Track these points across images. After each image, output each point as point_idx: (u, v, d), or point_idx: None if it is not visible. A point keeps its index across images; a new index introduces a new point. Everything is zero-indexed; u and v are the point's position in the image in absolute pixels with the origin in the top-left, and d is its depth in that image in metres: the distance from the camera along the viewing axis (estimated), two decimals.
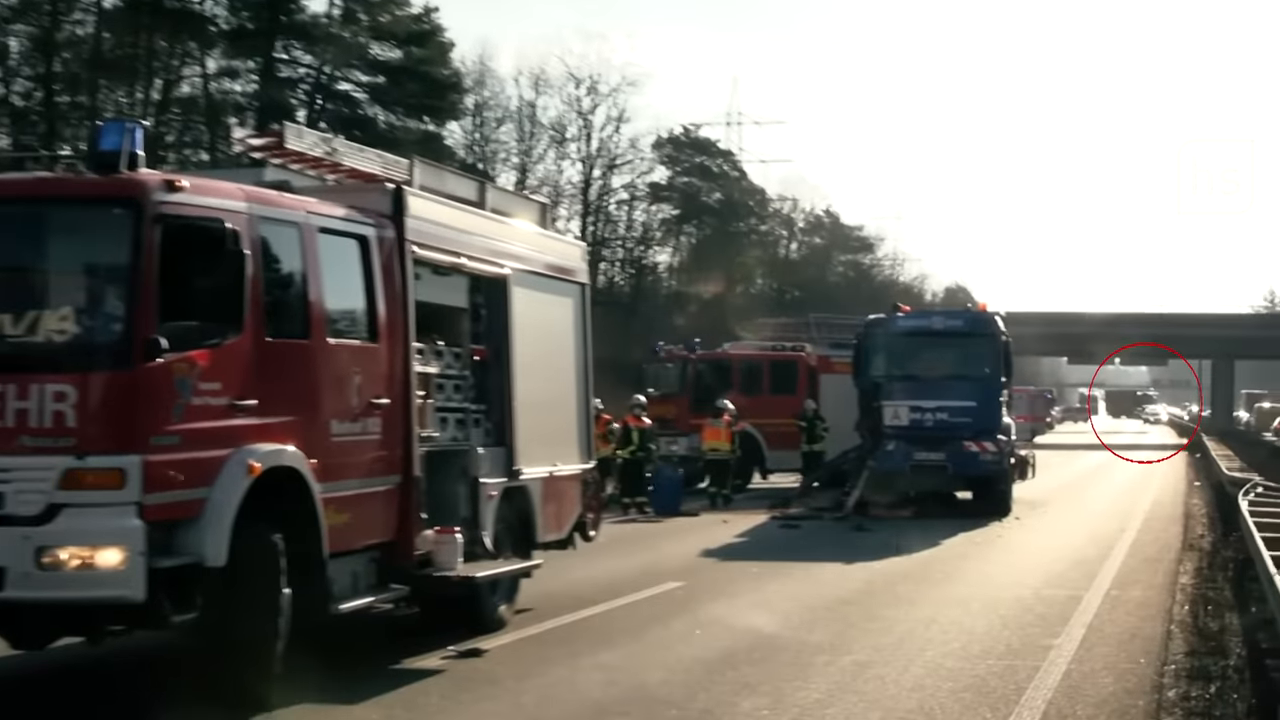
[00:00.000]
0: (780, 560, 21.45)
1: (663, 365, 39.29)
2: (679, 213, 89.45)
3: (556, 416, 16.46)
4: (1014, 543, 24.74)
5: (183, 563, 10.27)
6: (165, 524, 10.20)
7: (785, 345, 39.96)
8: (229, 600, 10.51)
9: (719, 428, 33.27)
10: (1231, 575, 18.86)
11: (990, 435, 29.90)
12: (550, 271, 16.32)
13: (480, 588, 13.99)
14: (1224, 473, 34.56)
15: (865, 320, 33.37)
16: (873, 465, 30.04)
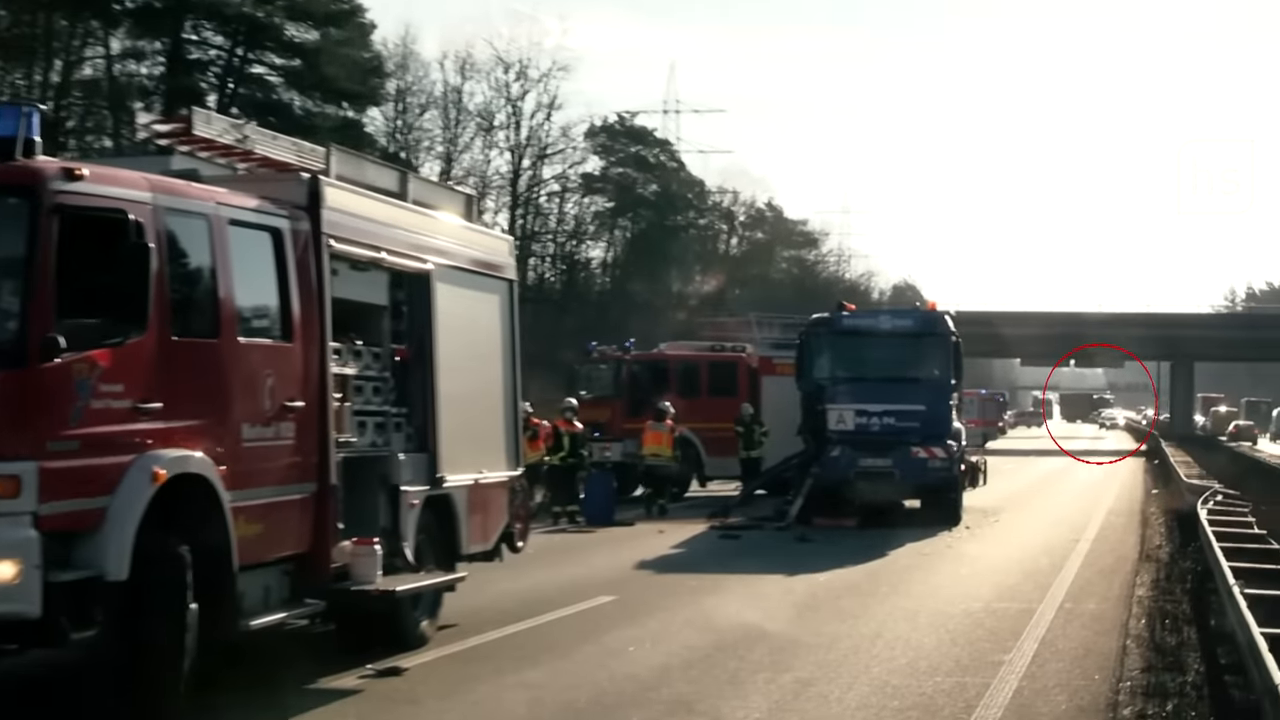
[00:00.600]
0: (719, 573, 21.49)
1: (596, 366, 39.29)
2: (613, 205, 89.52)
3: (482, 420, 16.42)
4: (964, 554, 24.90)
5: (82, 576, 10.17)
6: (63, 535, 10.10)
7: (725, 346, 40.04)
8: (131, 616, 10.41)
9: (661, 432, 33.28)
10: (1190, 587, 19.06)
11: (939, 440, 30.08)
12: (476, 267, 16.29)
13: (400, 602, 13.94)
14: (1183, 480, 34.92)
15: (809, 319, 33.49)
16: (816, 472, 30.17)
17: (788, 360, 34.56)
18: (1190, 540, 23.27)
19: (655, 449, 33.18)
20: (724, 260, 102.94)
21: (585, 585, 19.53)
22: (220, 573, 11.37)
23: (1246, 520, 21.55)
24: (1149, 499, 39.57)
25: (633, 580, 20.61)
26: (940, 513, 30.09)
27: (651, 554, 24.01)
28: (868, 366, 30.69)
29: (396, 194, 15.11)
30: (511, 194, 78.98)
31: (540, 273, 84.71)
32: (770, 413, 35.78)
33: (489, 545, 16.56)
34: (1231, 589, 12.70)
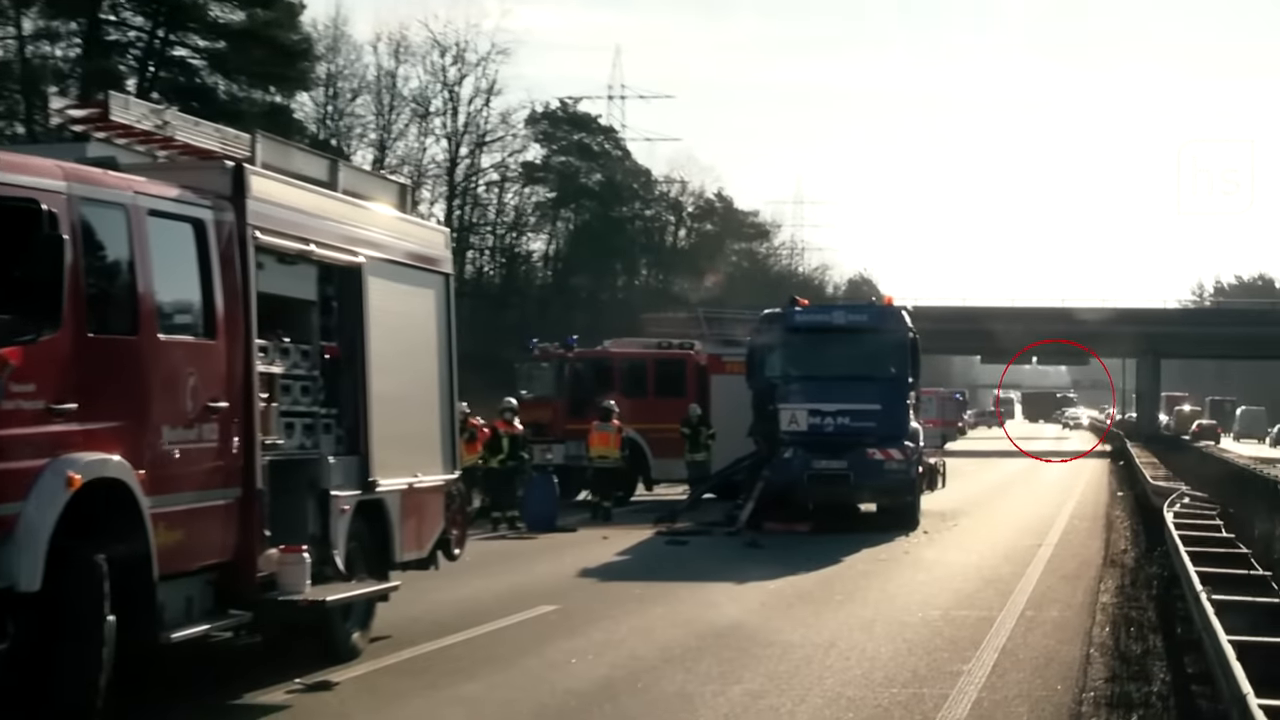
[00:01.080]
0: (666, 580, 21.51)
1: (537, 364, 39.26)
2: (555, 195, 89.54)
3: (417, 421, 16.38)
4: (922, 559, 25.00)
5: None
6: None
7: (672, 343, 40.09)
8: (45, 629, 10.33)
9: (608, 433, 33.27)
10: (1156, 593, 19.21)
11: (896, 441, 30.21)
12: (410, 260, 16.24)
13: (330, 613, 13.89)
14: (1149, 482, 35.17)
15: (760, 315, 33.57)
16: (768, 475, 30.24)
17: (738, 358, 34.64)
18: (1156, 544, 23.44)
19: (602, 450, 33.18)
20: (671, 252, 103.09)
21: (526, 594, 19.50)
22: (139, 583, 11.28)
23: (1214, 524, 21.72)
24: (1114, 501, 39.86)
25: (576, 589, 20.60)
26: (897, 517, 30.24)
27: (595, 561, 24.01)
28: (821, 364, 30.77)
29: (326, 183, 15.04)
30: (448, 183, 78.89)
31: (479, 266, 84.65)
32: (720, 413, 35.84)
33: (424, 552, 16.51)
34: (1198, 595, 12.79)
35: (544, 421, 36.34)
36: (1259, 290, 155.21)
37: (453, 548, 17.22)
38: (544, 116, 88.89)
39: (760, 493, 30.07)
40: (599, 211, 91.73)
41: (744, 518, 29.52)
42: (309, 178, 14.73)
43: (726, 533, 28.73)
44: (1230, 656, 9.68)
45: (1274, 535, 22.56)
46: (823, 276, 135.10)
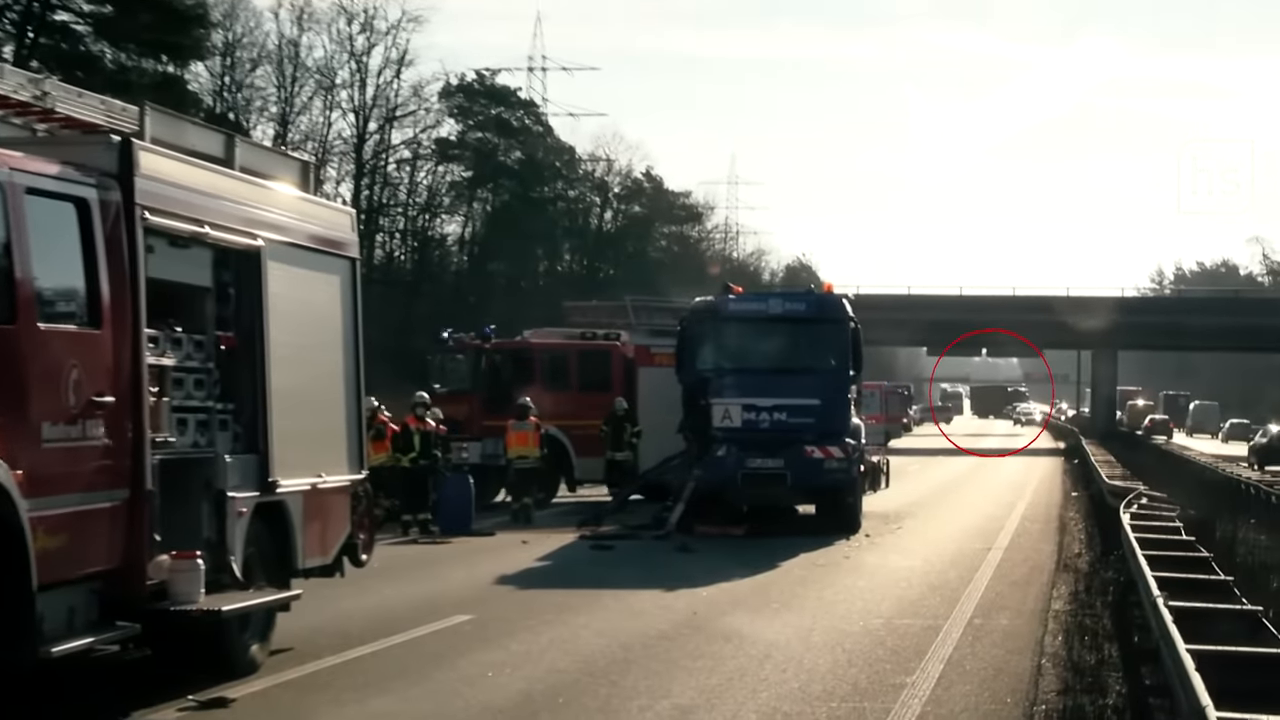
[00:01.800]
0: (590, 588, 21.51)
1: (451, 356, 39.12)
2: (471, 175, 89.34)
3: (321, 417, 16.31)
4: (863, 564, 25.11)
5: None
6: None
7: (597, 333, 40.06)
8: None
9: (526, 431, 33.24)
10: (1112, 600, 19.35)
11: (836, 439, 30.31)
12: (314, 243, 16.17)
13: (227, 624, 13.81)
14: (1104, 481, 35.46)
15: (691, 303, 33.60)
16: (699, 475, 30.28)
17: (667, 349, 34.65)
18: (1112, 548, 23.63)
19: (521, 450, 33.17)
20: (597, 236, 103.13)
21: (439, 603, 19.46)
22: (16, 593, 11.18)
23: (1173, 525, 21.88)
24: (1068, 502, 40.16)
25: (492, 597, 20.57)
26: (837, 519, 30.33)
27: (514, 567, 23.98)
28: (756, 356, 30.84)
29: (222, 160, 14.95)
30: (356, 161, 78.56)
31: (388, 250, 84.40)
32: (648, 408, 35.85)
33: (328, 558, 16.46)
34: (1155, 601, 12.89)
35: (459, 417, 36.21)
36: (1222, 278, 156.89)
37: (360, 553, 17.16)
38: (459, 89, 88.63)
39: (691, 494, 30.10)
40: (518, 192, 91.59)
41: (674, 520, 29.55)
42: (203, 154, 14.63)
43: (655, 536, 28.75)
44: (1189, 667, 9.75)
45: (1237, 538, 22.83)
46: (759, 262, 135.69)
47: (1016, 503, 40.40)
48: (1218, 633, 11.84)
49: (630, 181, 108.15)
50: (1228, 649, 10.81)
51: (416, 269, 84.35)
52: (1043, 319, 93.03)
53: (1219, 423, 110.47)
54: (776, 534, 29.14)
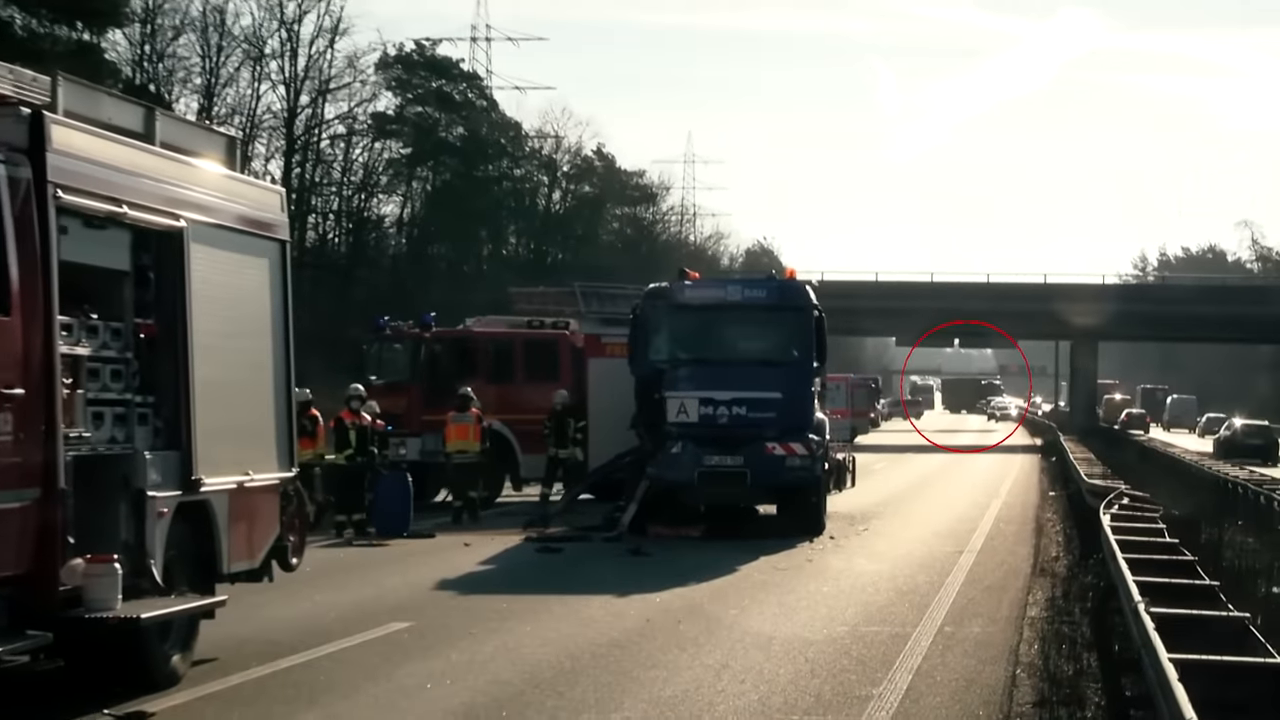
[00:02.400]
0: (536, 593, 21.50)
1: (388, 346, 39.05)
2: (410, 152, 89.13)
3: (248, 411, 16.27)
4: (827, 568, 25.16)
5: None
6: None
7: (544, 321, 40.04)
8: None
9: (466, 424, 33.23)
10: (1091, 606, 19.42)
11: (799, 435, 30.35)
12: (241, 225, 16.12)
13: (146, 632, 13.75)
14: (1084, 480, 35.59)
15: (645, 290, 33.60)
16: (653, 473, 30.30)
17: (619, 339, 34.64)
18: (1091, 551, 23.72)
19: (461, 444, 33.15)
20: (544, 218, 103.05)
21: (374, 610, 19.43)
22: None
23: (1156, 527, 21.95)
24: (1044, 502, 40.32)
25: (432, 604, 20.54)
26: (800, 520, 30.38)
27: (455, 571, 23.96)
28: (714, 346, 30.86)
29: (142, 135, 14.88)
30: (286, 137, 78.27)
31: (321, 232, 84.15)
32: (599, 401, 35.85)
33: (256, 562, 16.42)
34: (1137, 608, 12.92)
35: (397, 411, 36.14)
36: (1208, 264, 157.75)
37: (290, 556, 17.12)
38: (397, 61, 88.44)
39: (645, 493, 30.12)
40: (461, 170, 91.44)
41: (626, 521, 29.58)
42: (122, 128, 14.56)
43: (606, 538, 28.77)
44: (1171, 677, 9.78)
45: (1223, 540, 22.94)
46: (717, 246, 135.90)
47: (990, 503, 40.55)
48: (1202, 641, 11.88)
49: (580, 160, 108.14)
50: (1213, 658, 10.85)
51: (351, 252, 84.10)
52: (1019, 308, 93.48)
53: (1196, 417, 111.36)
54: (735, 536, 29.17)
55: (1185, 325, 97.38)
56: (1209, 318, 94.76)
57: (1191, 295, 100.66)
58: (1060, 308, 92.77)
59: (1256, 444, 72.69)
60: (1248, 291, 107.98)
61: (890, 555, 27.08)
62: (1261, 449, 71.55)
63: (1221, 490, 28.68)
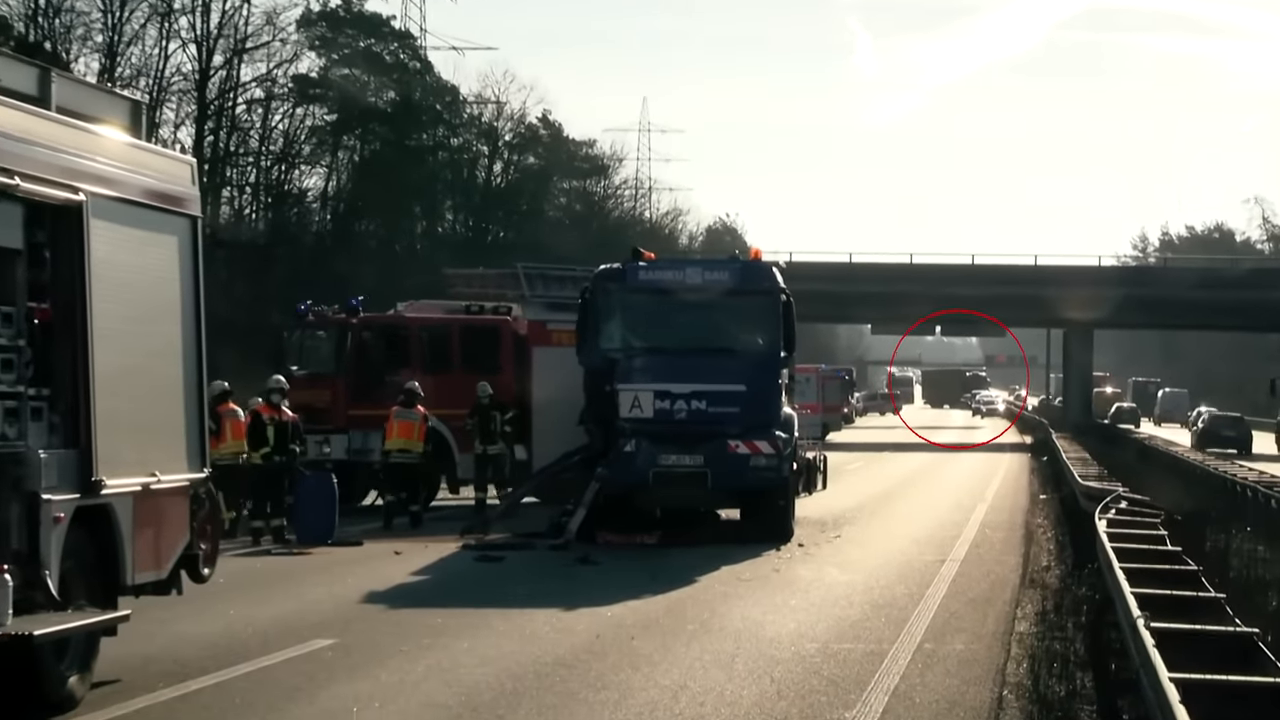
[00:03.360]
0: (474, 606, 21.50)
1: (311, 333, 38.98)
2: (336, 119, 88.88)
3: (155, 405, 16.22)
4: (796, 579, 25.21)
5: None
6: None
7: (484, 306, 40.00)
8: None
9: (411, 421, 33.30)
10: (1085, 621, 19.49)
11: (765, 431, 30.39)
12: (147, 198, 16.06)
13: (39, 650, 13.68)
14: (1078, 482, 35.73)
15: (595, 271, 33.59)
16: (604, 474, 30.29)
17: (567, 326, 34.63)
18: (1086, 560, 23.81)
19: (404, 443, 33.21)
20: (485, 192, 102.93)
21: (296, 625, 19.41)
22: None
23: (1157, 534, 22.03)
24: (1035, 506, 40.45)
25: (360, 618, 20.52)
26: (766, 526, 30.44)
27: (385, 583, 23.94)
28: (672, 334, 30.89)
29: (36, 99, 14.83)
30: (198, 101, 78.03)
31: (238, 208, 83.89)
32: (544, 394, 35.90)
33: (164, 573, 16.36)
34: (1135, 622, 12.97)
35: (321, 405, 36.09)
36: (1214, 245, 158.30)
37: (201, 566, 17.07)
38: (321, 17, 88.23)
39: (594, 496, 30.11)
40: (392, 139, 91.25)
41: (573, 527, 29.57)
42: (13, 91, 14.51)
43: (552, 546, 28.78)
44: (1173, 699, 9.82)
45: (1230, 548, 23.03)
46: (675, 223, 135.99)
47: (976, 507, 40.68)
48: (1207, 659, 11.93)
49: (524, 128, 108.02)
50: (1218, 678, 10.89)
51: (270, 230, 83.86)
52: (1007, 293, 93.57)
53: (1188, 411, 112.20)
54: (694, 543, 29.19)
55: (1188, 312, 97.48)
56: (1214, 303, 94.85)
57: (1196, 279, 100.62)
58: (1052, 293, 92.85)
59: (1230, 435, 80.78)
60: (1258, 275, 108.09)
61: (865, 565, 27.13)
62: (1235, 440, 79.78)
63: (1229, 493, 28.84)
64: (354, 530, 30.95)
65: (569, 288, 38.66)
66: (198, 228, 17.17)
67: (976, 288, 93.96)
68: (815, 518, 34.75)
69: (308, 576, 24.99)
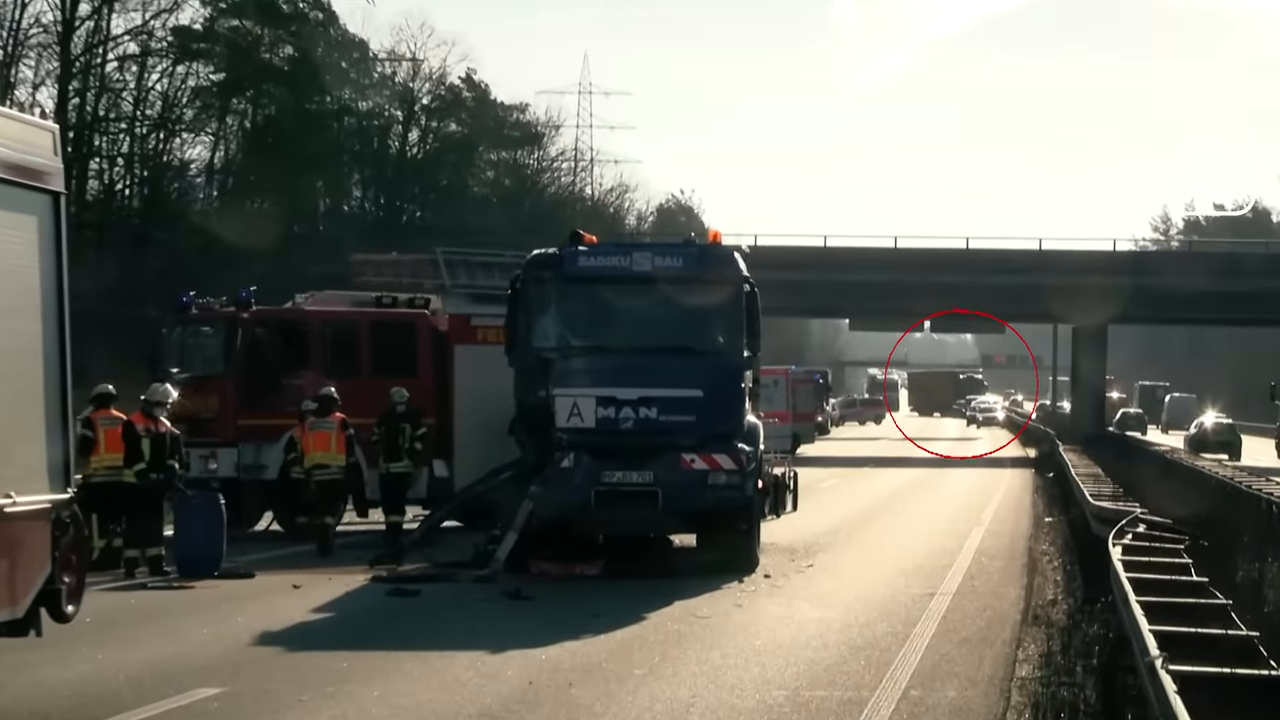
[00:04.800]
0: (386, 648, 21.46)
1: (196, 330, 38.87)
2: (224, 79, 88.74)
3: (9, 413, 16.23)
4: (762, 616, 25.24)
5: None
6: None
7: (398, 298, 39.94)
8: None
9: (328, 432, 33.36)
10: (1097, 664, 19.55)
11: (726, 444, 30.37)
12: None
13: None
14: (1089, 502, 35.88)
15: (527, 258, 33.56)
16: (539, 493, 30.23)
17: (494, 321, 34.62)
18: (1098, 593, 23.89)
19: (324, 457, 33.35)
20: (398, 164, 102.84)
21: (176, 671, 19.35)
22: None
23: (1180, 562, 22.14)
24: (1039, 530, 40.55)
25: (251, 662, 20.47)
26: (726, 554, 30.44)
27: (281, 621, 23.92)
28: (617, 330, 30.91)
29: None
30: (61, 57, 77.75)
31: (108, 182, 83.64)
32: (467, 400, 35.94)
33: (19, 611, 16.36)
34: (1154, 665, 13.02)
35: (207, 414, 36.00)
36: (1245, 227, 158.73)
37: (64, 603, 17.04)
38: None
39: (527, 519, 30.06)
40: (290, 103, 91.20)
41: (502, 556, 29.53)
42: None
43: (477, 578, 28.75)
44: None
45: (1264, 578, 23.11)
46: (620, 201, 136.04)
47: (971, 531, 40.77)
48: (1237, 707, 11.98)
49: (445, 90, 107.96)
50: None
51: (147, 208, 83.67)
52: (1006, 282, 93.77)
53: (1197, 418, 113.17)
54: (643, 574, 29.19)
55: (1215, 304, 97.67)
56: (1249, 294, 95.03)
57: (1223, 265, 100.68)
58: (1058, 282, 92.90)
59: (1222, 440, 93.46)
60: None
61: (842, 599, 27.17)
62: (1226, 445, 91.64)
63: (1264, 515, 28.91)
64: (244, 560, 30.86)
65: (496, 276, 38.76)
66: (61, 205, 17.13)
67: (971, 275, 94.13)
68: (784, 544, 34.79)
69: (190, 614, 24.91)
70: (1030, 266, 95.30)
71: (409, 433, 35.44)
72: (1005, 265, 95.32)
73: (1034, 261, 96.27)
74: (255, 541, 34.11)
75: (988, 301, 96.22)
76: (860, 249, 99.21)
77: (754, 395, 32.96)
